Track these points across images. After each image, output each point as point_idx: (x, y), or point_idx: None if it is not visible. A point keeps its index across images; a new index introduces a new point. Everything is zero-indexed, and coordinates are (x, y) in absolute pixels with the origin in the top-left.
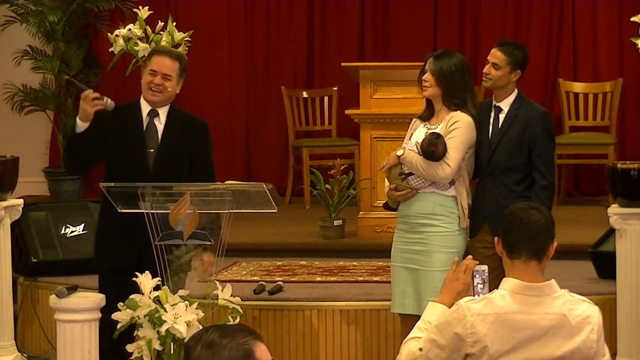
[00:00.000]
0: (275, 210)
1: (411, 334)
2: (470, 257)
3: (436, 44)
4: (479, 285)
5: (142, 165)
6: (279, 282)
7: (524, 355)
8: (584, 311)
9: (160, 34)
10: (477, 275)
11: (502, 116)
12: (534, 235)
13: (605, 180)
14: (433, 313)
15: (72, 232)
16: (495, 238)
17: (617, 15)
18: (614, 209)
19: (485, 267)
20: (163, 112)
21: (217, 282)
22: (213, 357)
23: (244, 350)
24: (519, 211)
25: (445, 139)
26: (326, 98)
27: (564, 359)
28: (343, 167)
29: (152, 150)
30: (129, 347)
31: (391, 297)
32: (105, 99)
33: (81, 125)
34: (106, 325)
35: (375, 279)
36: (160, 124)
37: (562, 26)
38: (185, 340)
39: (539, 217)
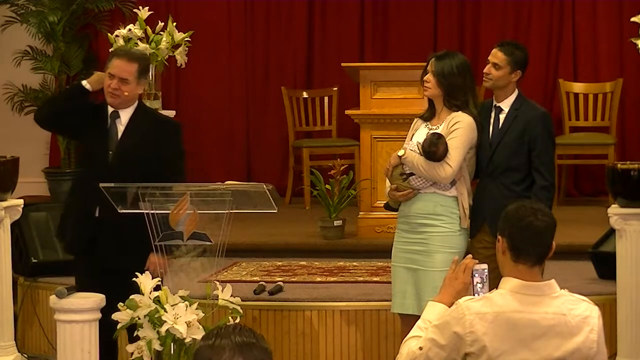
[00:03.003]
0: (275, 211)
1: (411, 333)
2: (469, 256)
3: (436, 44)
4: (479, 285)
5: (103, 166)
6: (279, 283)
7: (523, 355)
8: (584, 311)
9: (160, 34)
10: (476, 275)
11: (502, 116)
12: (543, 242)
13: (605, 180)
14: (433, 312)
15: None
16: (499, 237)
17: (617, 15)
18: (614, 209)
19: (485, 266)
20: (125, 114)
21: (217, 283)
22: (264, 357)
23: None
24: (528, 215)
25: (446, 139)
26: (326, 98)
27: (563, 359)
28: (343, 167)
29: (111, 152)
30: (129, 347)
31: (391, 297)
32: None
33: (88, 87)
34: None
35: (375, 279)
36: (121, 126)
37: (562, 26)
38: (201, 352)
39: (547, 221)
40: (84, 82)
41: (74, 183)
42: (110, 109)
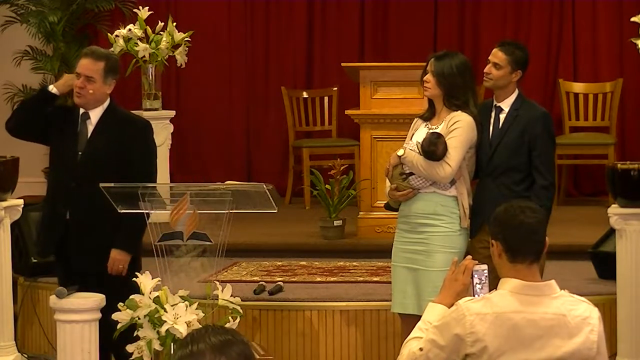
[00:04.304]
0: (275, 211)
1: (412, 334)
2: (469, 257)
3: (436, 44)
4: (478, 286)
5: (72, 167)
6: (279, 283)
7: (523, 355)
8: (584, 312)
9: (160, 34)
10: (475, 276)
11: (502, 116)
12: (536, 238)
13: (605, 180)
14: (433, 313)
15: None
16: (492, 241)
17: (617, 15)
18: (614, 209)
19: (484, 267)
20: (95, 115)
21: (217, 283)
22: (245, 349)
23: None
24: (517, 214)
25: (446, 139)
26: (326, 98)
27: None
28: (343, 167)
29: (80, 153)
30: (129, 347)
31: (391, 297)
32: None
33: (54, 91)
34: None
35: (375, 279)
36: (91, 126)
37: (562, 26)
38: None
39: (537, 217)
40: (51, 87)
41: (47, 187)
42: (81, 111)
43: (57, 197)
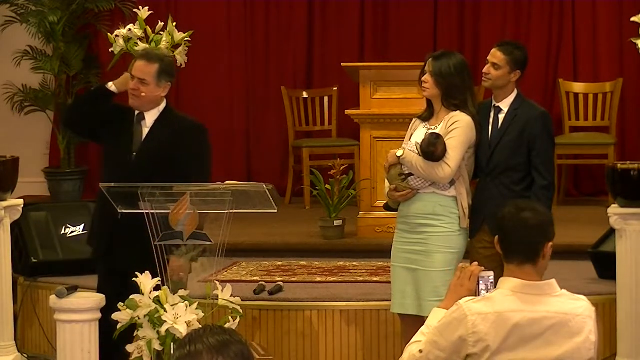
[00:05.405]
0: (275, 211)
1: (414, 339)
2: (475, 263)
3: (436, 44)
4: (484, 291)
5: (125, 167)
6: (279, 282)
7: (524, 354)
8: (584, 311)
9: (160, 34)
10: (481, 282)
11: (501, 116)
12: (526, 240)
13: (605, 180)
14: (437, 319)
15: (72, 232)
16: (495, 238)
17: (617, 15)
18: (614, 209)
19: (491, 274)
20: (151, 116)
21: (217, 283)
22: (242, 349)
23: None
24: (512, 214)
25: (445, 139)
26: (326, 98)
27: (563, 359)
28: (343, 167)
29: (134, 154)
30: (129, 347)
31: (391, 297)
32: None
33: (113, 89)
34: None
35: (375, 279)
36: (146, 128)
37: (562, 26)
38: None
39: (533, 218)
40: (110, 84)
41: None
42: (137, 111)
43: (108, 197)
